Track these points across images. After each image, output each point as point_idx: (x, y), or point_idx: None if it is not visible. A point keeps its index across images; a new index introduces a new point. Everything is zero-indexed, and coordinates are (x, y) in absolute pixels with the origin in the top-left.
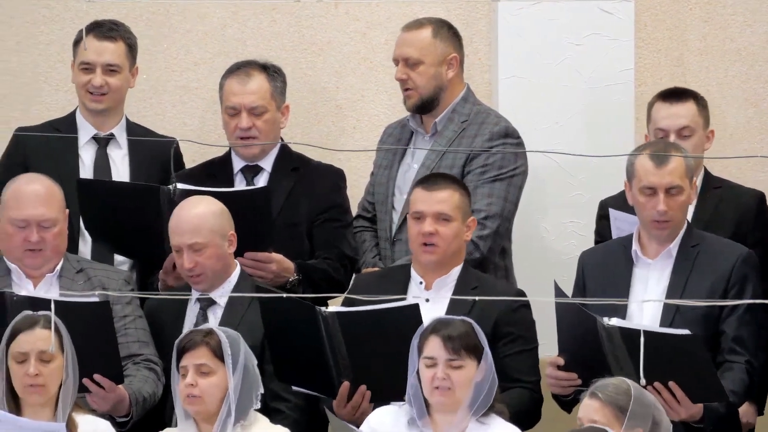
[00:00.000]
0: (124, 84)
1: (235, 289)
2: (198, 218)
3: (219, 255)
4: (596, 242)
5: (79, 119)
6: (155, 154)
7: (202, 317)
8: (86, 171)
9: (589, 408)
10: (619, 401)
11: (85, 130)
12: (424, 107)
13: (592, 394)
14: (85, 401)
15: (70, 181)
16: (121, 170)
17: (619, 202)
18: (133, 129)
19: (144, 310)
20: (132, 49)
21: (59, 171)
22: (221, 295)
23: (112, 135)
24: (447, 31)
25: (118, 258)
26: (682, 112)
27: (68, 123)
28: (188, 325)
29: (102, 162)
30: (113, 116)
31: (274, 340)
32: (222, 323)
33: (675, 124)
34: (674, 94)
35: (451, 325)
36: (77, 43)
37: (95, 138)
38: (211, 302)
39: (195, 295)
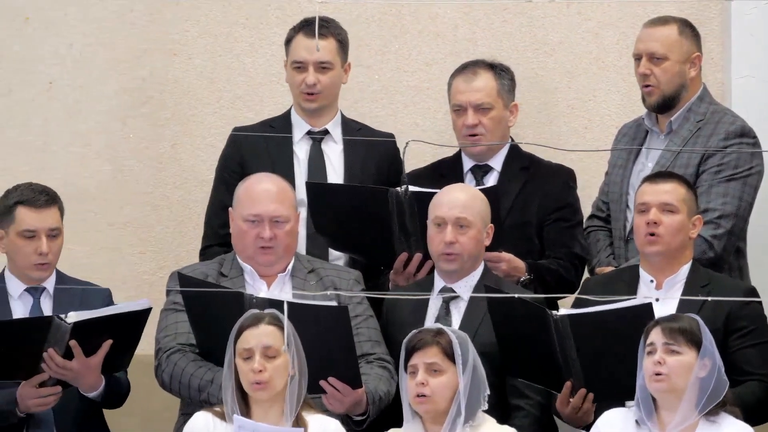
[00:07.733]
0: (336, 80)
1: (478, 284)
2: (470, 197)
3: (478, 240)
4: None
5: (294, 117)
6: (372, 151)
7: (445, 310)
8: (301, 167)
9: None
10: None
11: (300, 127)
12: (664, 105)
13: None
14: (319, 402)
15: (285, 177)
16: (336, 165)
17: None
18: (348, 124)
19: (385, 304)
20: (343, 45)
21: (275, 168)
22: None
23: (326, 131)
24: (691, 30)
25: (333, 254)
26: None
27: (283, 121)
28: (430, 317)
29: (316, 157)
30: (328, 112)
31: (503, 336)
32: (464, 318)
33: None
34: None
35: (675, 319)
36: (289, 42)
37: (310, 134)
38: (456, 295)
39: (435, 294)
